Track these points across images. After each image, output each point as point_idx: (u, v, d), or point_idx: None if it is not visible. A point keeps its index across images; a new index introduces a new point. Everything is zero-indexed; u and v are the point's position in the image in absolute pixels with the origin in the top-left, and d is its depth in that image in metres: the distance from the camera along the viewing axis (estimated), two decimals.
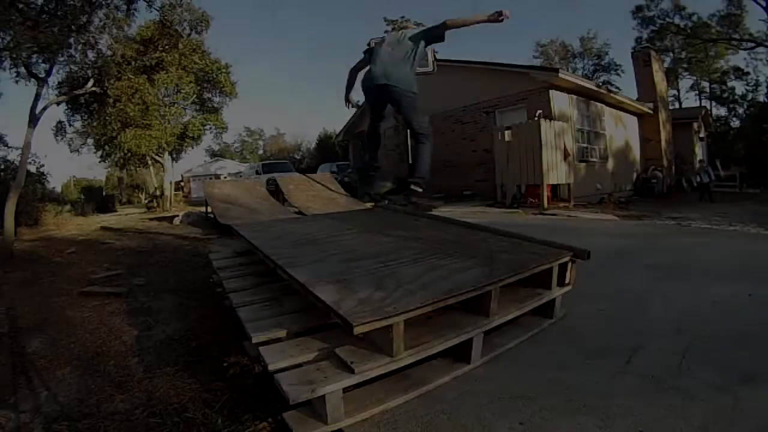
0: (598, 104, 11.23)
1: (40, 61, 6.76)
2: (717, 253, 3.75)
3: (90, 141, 13.41)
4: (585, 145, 10.61)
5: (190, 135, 12.29)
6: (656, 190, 12.31)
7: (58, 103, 9.38)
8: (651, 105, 13.34)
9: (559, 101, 9.66)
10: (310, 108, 72.20)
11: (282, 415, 1.46)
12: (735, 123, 28.32)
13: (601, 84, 13.02)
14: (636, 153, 13.42)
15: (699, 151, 17.28)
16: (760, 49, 25.16)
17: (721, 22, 26.95)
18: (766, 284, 2.61)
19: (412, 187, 3.11)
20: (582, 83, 10.12)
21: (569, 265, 2.17)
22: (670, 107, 17.66)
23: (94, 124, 11.89)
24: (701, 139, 17.74)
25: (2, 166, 9.61)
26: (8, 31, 5.68)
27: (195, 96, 12.73)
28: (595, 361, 1.75)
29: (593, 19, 55.24)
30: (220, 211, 6.60)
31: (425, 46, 3.09)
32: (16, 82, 7.57)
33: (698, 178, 11.37)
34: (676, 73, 30.80)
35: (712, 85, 30.77)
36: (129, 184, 32.85)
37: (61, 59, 7.37)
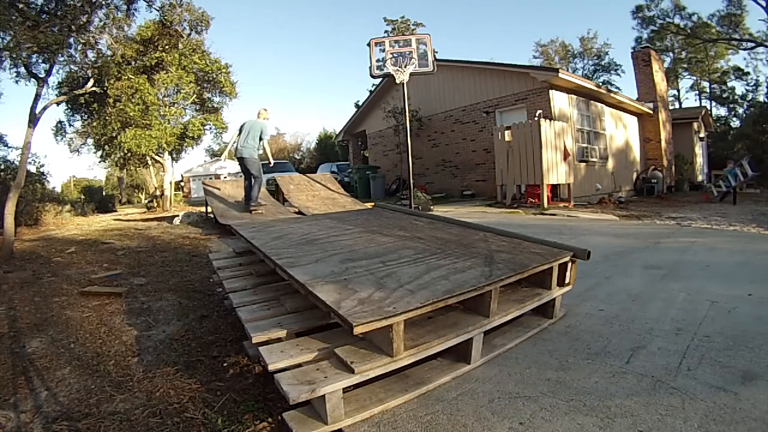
0: (598, 104, 11.24)
1: (40, 61, 6.74)
2: (717, 254, 3.75)
3: (90, 141, 13.36)
4: (585, 145, 10.60)
5: (190, 135, 12.24)
6: (656, 190, 12.32)
7: (58, 103, 9.36)
8: (651, 105, 13.36)
9: (559, 101, 9.66)
10: (310, 108, 72.17)
11: (282, 415, 1.46)
12: (735, 123, 28.36)
13: (601, 84, 13.01)
14: (636, 153, 13.43)
15: (699, 151, 17.30)
16: (760, 49, 25.23)
17: (721, 22, 26.99)
18: (765, 284, 2.61)
19: (252, 209, 6.28)
20: (582, 83, 10.11)
21: (569, 265, 2.18)
22: (670, 107, 17.68)
23: (94, 124, 11.86)
24: (701, 139, 17.75)
25: (2, 166, 9.60)
26: (8, 31, 5.67)
27: (195, 96, 12.71)
28: (595, 361, 1.75)
29: (593, 18, 55.25)
30: (220, 211, 6.61)
31: (260, 137, 6.10)
32: (16, 82, 7.57)
33: (728, 182, 10.69)
34: (676, 73, 30.83)
35: (712, 85, 30.80)
36: (129, 184, 32.83)
37: (61, 59, 7.36)
